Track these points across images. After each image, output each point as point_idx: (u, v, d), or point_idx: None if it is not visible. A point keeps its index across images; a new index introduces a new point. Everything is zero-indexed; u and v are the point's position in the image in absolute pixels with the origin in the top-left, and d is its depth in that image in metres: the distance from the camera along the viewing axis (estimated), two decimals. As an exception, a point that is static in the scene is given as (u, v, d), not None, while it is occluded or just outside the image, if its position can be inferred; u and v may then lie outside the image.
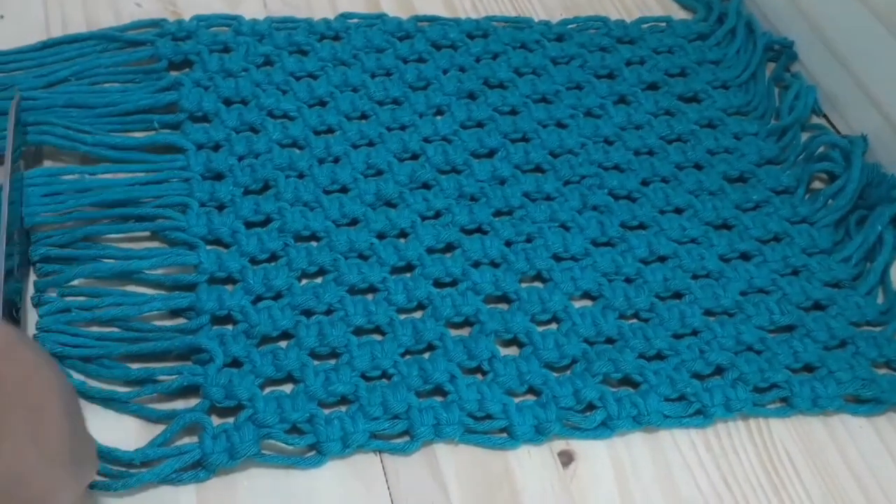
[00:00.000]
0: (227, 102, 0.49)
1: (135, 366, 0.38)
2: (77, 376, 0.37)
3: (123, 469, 0.35)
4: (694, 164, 0.52)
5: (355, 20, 0.56)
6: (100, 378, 0.37)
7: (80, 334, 0.38)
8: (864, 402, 0.43)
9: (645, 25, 0.60)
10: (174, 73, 0.50)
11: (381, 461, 0.38)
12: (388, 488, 0.37)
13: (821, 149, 0.53)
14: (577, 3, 0.61)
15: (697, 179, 0.51)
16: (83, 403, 0.35)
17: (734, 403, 0.41)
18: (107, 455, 0.35)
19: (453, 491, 0.37)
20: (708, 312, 0.45)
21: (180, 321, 0.40)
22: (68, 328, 0.38)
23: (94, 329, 0.39)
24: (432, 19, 0.57)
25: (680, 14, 0.62)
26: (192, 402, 0.37)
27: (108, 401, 0.37)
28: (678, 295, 0.46)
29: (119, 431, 0.36)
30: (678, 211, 0.49)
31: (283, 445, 0.37)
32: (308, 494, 0.36)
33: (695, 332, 0.44)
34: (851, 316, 0.46)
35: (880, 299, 0.48)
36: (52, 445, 0.27)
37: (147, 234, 0.43)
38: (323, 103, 0.51)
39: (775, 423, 0.42)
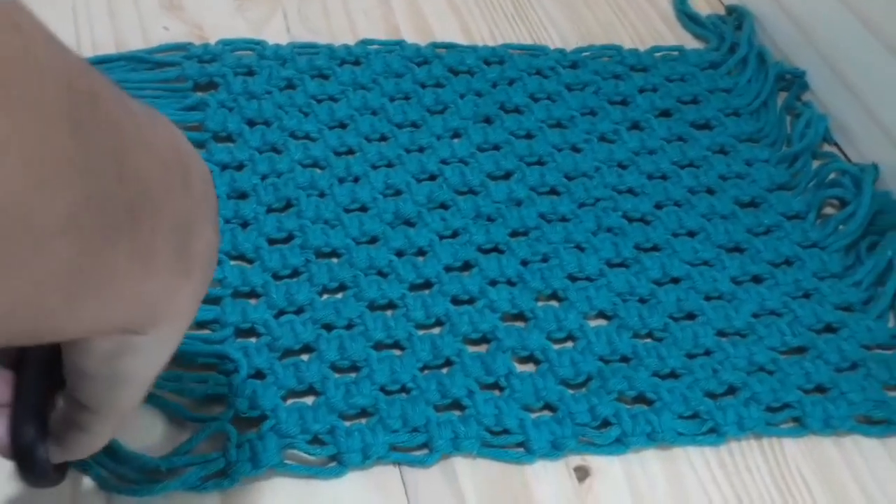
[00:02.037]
0: (251, 123, 0.50)
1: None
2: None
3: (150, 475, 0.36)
4: (706, 188, 0.53)
5: (375, 46, 0.57)
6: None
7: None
8: (876, 424, 0.44)
9: (658, 54, 0.61)
10: (199, 94, 0.51)
11: (401, 473, 0.38)
12: (408, 499, 0.38)
13: (831, 175, 0.54)
14: (591, 31, 0.62)
15: (709, 204, 0.52)
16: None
17: (747, 422, 0.42)
18: (134, 461, 0.35)
19: (471, 503, 0.38)
20: (720, 333, 0.46)
21: (205, 332, 0.41)
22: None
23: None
24: (450, 46, 0.58)
25: (692, 43, 0.63)
26: (216, 410, 0.38)
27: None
28: (691, 316, 0.46)
29: (146, 440, 0.37)
30: (691, 234, 0.50)
31: (305, 456, 0.37)
32: (329, 504, 0.37)
33: (708, 352, 0.45)
34: (862, 339, 0.47)
35: (891, 323, 0.48)
36: None
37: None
38: (343, 125, 0.52)
39: (788, 443, 0.43)
